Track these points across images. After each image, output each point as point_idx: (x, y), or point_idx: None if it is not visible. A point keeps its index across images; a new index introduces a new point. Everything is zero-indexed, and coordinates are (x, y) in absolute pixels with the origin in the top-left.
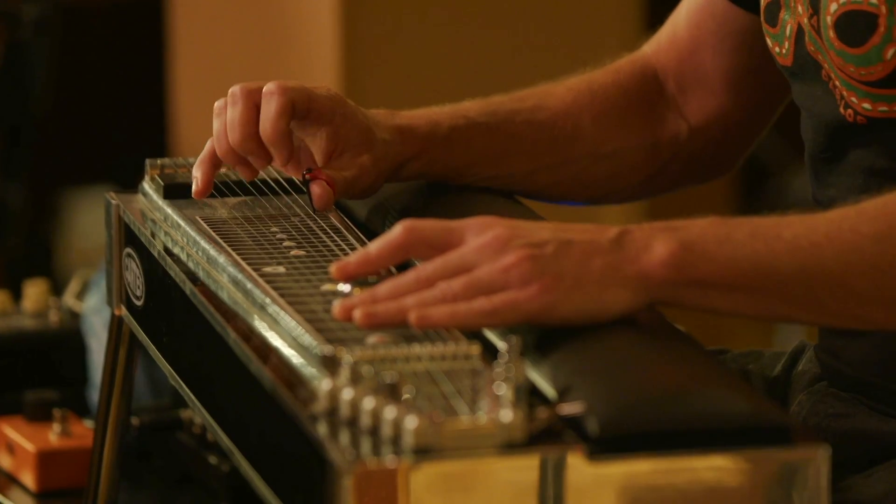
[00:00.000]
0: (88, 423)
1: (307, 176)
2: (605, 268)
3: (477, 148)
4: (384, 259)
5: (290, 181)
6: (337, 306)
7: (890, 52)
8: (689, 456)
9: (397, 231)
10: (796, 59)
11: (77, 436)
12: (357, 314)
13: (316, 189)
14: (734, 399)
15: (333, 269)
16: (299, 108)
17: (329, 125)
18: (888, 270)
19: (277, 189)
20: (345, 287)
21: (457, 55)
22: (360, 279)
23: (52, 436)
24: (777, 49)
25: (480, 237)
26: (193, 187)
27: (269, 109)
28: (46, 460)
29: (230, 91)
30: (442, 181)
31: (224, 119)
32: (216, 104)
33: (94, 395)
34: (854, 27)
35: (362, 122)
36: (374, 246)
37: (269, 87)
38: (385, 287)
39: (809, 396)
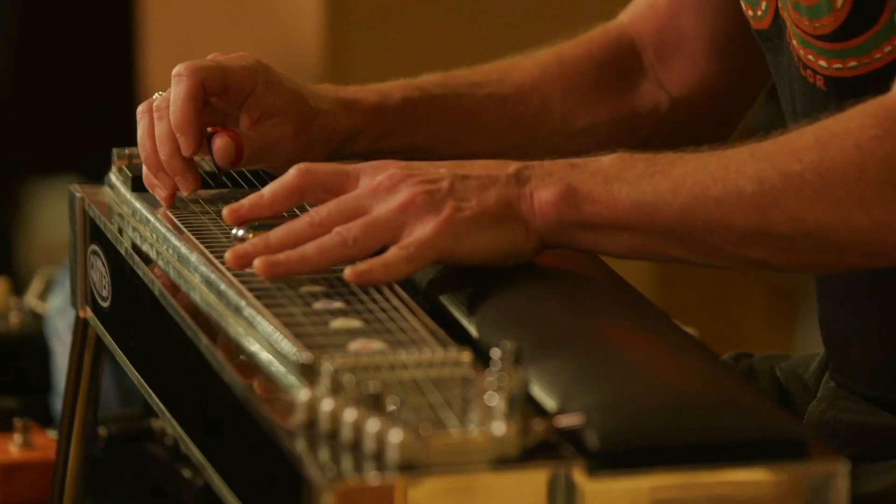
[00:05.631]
0: (52, 434)
1: (210, 130)
2: (500, 200)
3: (434, 123)
4: (278, 202)
5: (269, 174)
6: (229, 253)
7: (840, 1)
8: (698, 471)
9: (291, 174)
10: (775, 21)
11: (40, 447)
12: (257, 264)
13: (217, 141)
14: (747, 409)
15: (225, 211)
16: (212, 87)
17: (251, 95)
18: (768, 212)
19: (255, 182)
20: (238, 231)
21: (449, 34)
22: (254, 224)
23: (13, 447)
24: (751, 13)
25: (374, 178)
26: (159, 194)
27: (177, 93)
28: (7, 474)
29: (154, 105)
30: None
31: (146, 124)
32: (140, 109)
33: (58, 404)
34: None
35: (290, 89)
36: (268, 189)
37: (177, 69)
38: (278, 232)
39: (831, 392)
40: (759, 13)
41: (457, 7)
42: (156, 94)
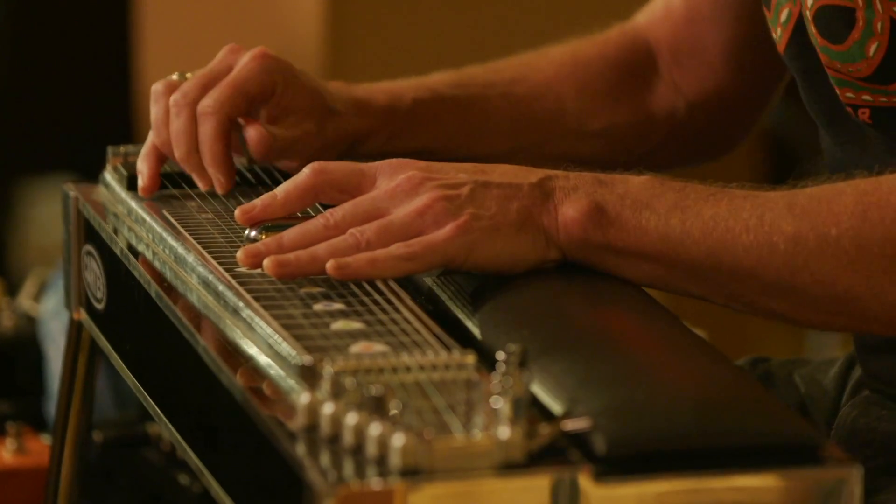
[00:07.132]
0: (45, 439)
1: (241, 122)
2: (521, 211)
3: (446, 125)
4: (291, 202)
5: (266, 171)
6: (242, 252)
7: (872, 48)
8: (707, 476)
9: (305, 173)
10: (789, 47)
11: (33, 452)
12: (267, 264)
13: (251, 132)
14: (757, 413)
15: (238, 212)
16: (238, 113)
17: (271, 95)
18: (798, 272)
19: (253, 180)
20: (252, 232)
21: (450, 34)
22: (267, 224)
23: (6, 453)
24: (774, 35)
25: (392, 180)
26: (139, 183)
27: (206, 131)
28: None
29: (172, 99)
30: None
31: (163, 106)
32: (155, 88)
33: (52, 408)
34: (833, 22)
35: (308, 86)
36: (282, 189)
37: (202, 107)
38: (292, 233)
39: (863, 399)
40: (777, 37)
41: (457, 7)
42: (174, 74)
